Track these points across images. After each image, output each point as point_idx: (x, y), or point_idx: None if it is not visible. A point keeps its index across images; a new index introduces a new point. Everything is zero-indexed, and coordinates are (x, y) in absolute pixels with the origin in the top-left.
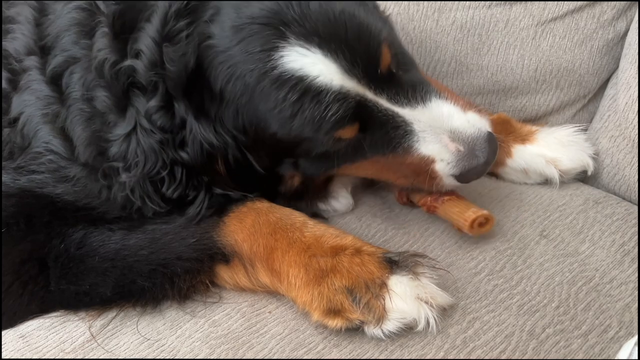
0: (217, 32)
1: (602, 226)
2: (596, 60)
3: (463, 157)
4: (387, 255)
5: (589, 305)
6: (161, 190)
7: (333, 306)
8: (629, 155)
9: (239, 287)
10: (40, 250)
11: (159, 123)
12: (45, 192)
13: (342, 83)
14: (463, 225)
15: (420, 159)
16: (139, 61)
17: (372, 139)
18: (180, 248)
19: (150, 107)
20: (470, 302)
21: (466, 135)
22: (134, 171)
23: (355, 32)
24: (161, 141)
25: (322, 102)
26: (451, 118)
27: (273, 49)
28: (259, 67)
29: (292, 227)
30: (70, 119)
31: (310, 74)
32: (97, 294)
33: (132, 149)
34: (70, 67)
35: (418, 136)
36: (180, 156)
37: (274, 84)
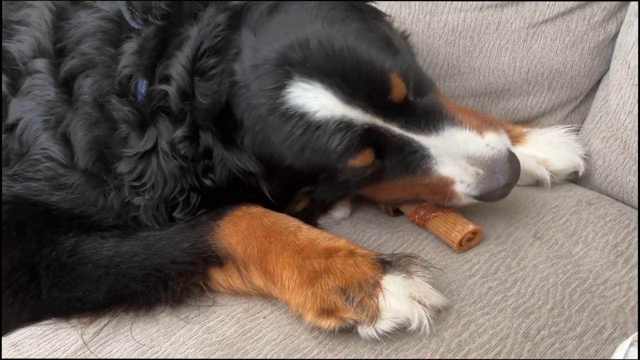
0: (239, 69)
1: (595, 227)
2: (587, 62)
3: (483, 180)
4: (380, 257)
5: (583, 307)
6: (172, 213)
7: (326, 306)
8: (621, 156)
9: (233, 290)
10: (31, 258)
11: (182, 152)
12: (40, 199)
13: (343, 113)
14: (451, 245)
15: (439, 180)
16: (172, 87)
17: (391, 164)
18: (175, 252)
19: (177, 137)
20: (465, 305)
21: (485, 158)
22: (151, 194)
23: (354, 64)
24: (182, 167)
25: (324, 134)
26: (467, 145)
27: (282, 86)
28: (269, 102)
29: (286, 230)
30: (74, 123)
31: (312, 108)
32: (89, 300)
33: (150, 170)
34: (87, 71)
35: (436, 160)
36: (203, 183)
37: (281, 118)
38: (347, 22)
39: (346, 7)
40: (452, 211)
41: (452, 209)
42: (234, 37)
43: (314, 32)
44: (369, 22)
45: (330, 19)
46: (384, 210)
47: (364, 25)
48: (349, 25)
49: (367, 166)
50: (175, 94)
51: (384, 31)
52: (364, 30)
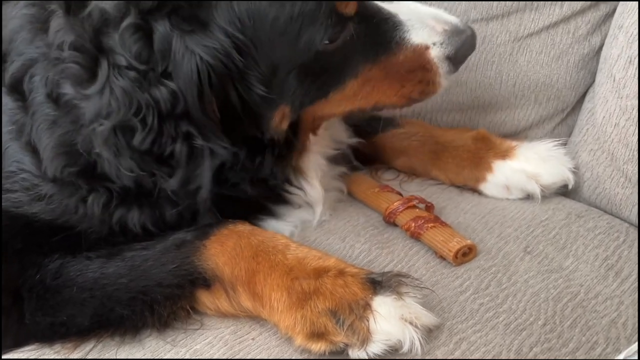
0: None
1: (585, 240)
2: (573, 75)
3: (452, 34)
4: (370, 276)
5: (575, 322)
6: (132, 142)
7: (316, 329)
8: (608, 168)
9: (220, 312)
10: (14, 281)
11: (134, 49)
12: (20, 212)
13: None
14: (447, 255)
15: (413, 52)
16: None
17: (364, 38)
18: (161, 274)
19: (124, 31)
20: (457, 322)
21: (445, 16)
22: (107, 121)
23: None
24: (136, 78)
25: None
26: (424, 7)
27: None
28: None
29: (274, 249)
30: (35, 128)
31: None
32: (74, 325)
33: (104, 100)
34: (30, 71)
35: (406, 25)
36: (159, 94)
37: None
38: None
39: None
40: (448, 225)
41: (448, 224)
42: None
43: None
44: None
45: None
46: (384, 217)
47: None
48: None
49: (350, 17)
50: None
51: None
52: None
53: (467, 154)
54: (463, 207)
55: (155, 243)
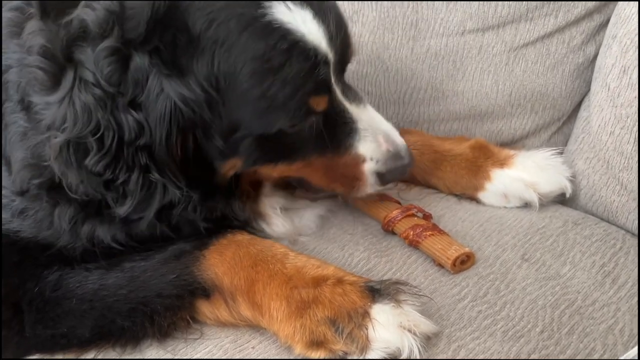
0: None
1: (582, 247)
2: (568, 84)
3: (391, 157)
4: (369, 284)
5: (572, 329)
6: (84, 161)
7: (316, 338)
8: (604, 176)
9: (220, 322)
10: (14, 294)
11: (106, 70)
12: (6, 228)
13: (326, 51)
14: (445, 263)
15: (353, 159)
16: (90, 10)
17: (322, 132)
18: (160, 285)
19: (101, 50)
20: (455, 330)
21: (395, 139)
22: (62, 134)
23: (339, 18)
24: (100, 98)
25: (310, 59)
26: (382, 122)
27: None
28: (247, 12)
29: (273, 259)
30: (9, 141)
31: (301, 29)
32: (74, 336)
33: (62, 111)
34: (4, 77)
35: (360, 135)
36: (124, 119)
37: (263, 31)
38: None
39: None
40: (446, 233)
41: (446, 232)
42: None
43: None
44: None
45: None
46: (382, 226)
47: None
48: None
49: (318, 113)
50: (93, 16)
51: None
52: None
53: (466, 162)
54: (461, 216)
55: (154, 253)
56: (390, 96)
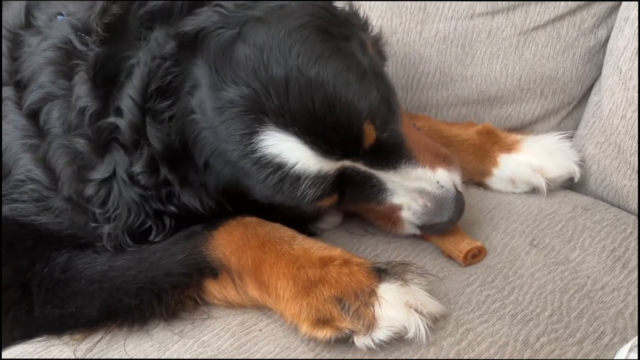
0: (198, 108)
1: (592, 232)
2: (579, 68)
3: (429, 212)
4: (375, 265)
5: (582, 313)
6: (147, 238)
7: (322, 316)
8: (615, 161)
9: (227, 302)
10: (23, 275)
11: (142, 183)
12: (28, 220)
13: (320, 167)
14: (457, 257)
15: (390, 207)
16: (123, 121)
17: (350, 197)
18: (169, 264)
19: (135, 171)
20: (463, 313)
21: (434, 195)
22: (115, 223)
23: (335, 122)
24: (142, 196)
25: (299, 187)
26: (419, 181)
27: (253, 133)
28: (240, 148)
29: (281, 240)
30: (53, 153)
31: (289, 160)
32: (82, 316)
33: (112, 198)
34: (49, 104)
35: (391, 192)
36: (169, 209)
37: (254, 165)
38: (324, 61)
39: (319, 36)
40: (458, 227)
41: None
42: (189, 67)
43: (292, 77)
44: (342, 51)
45: (305, 57)
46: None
47: (340, 62)
48: (326, 67)
49: (331, 205)
50: (127, 128)
51: (357, 59)
52: (341, 71)
53: (473, 148)
54: (469, 202)
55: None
56: (398, 81)
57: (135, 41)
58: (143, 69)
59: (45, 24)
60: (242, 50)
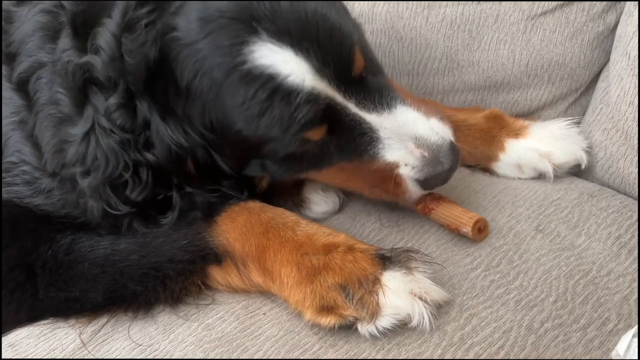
0: (183, 24)
1: (598, 219)
2: (587, 54)
3: (428, 163)
4: (379, 252)
5: (587, 299)
6: (124, 193)
7: (326, 303)
8: (622, 147)
9: (231, 288)
10: (27, 256)
11: (119, 122)
12: (25, 202)
13: (313, 84)
14: (467, 224)
15: (385, 165)
16: (97, 57)
17: (339, 143)
18: (172, 250)
19: (110, 105)
20: (467, 299)
21: (430, 142)
22: (94, 174)
23: (328, 33)
24: (122, 141)
25: (292, 102)
26: (415, 125)
27: (243, 43)
28: (227, 61)
29: (285, 226)
30: (39, 126)
31: (282, 72)
32: (87, 300)
33: (90, 150)
34: (37, 72)
35: (383, 143)
36: (146, 158)
37: (243, 79)
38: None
39: None
40: (458, 204)
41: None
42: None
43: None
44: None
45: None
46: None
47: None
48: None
49: (317, 141)
50: (102, 62)
51: (344, 5)
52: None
53: (480, 133)
54: (474, 187)
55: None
56: (405, 66)
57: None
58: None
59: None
60: None
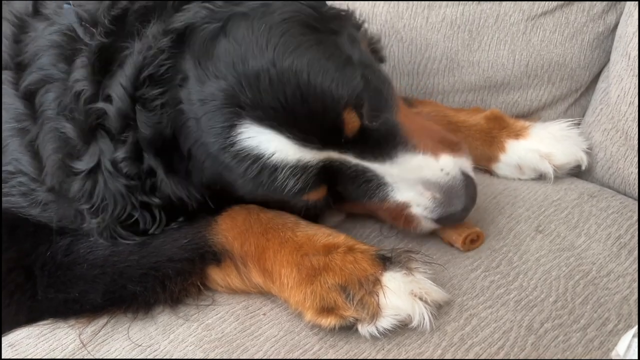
0: (186, 99)
1: (598, 219)
2: (587, 54)
3: (440, 204)
4: (380, 253)
5: (586, 299)
6: (137, 228)
7: (326, 304)
8: (622, 148)
9: (231, 289)
10: (26, 258)
11: (125, 171)
12: (22, 212)
13: (299, 156)
14: (456, 240)
15: (396, 205)
16: (111, 107)
17: (346, 190)
18: (172, 250)
19: (118, 157)
20: (467, 299)
21: (440, 184)
22: (102, 216)
23: (307, 112)
24: (128, 186)
25: (278, 177)
26: (421, 170)
27: (232, 126)
28: (219, 141)
29: (284, 226)
30: (42, 137)
31: (267, 150)
32: (87, 301)
33: (98, 190)
34: (47, 86)
35: (392, 187)
36: (153, 201)
37: (234, 158)
38: (301, 52)
39: (300, 30)
40: None
41: None
42: (180, 62)
43: (264, 69)
44: (325, 43)
45: (281, 49)
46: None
47: (319, 51)
48: (302, 57)
49: (320, 199)
50: (115, 115)
51: (341, 50)
52: (318, 60)
53: (480, 133)
54: None
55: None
56: (405, 67)
57: (130, 34)
58: (137, 58)
59: (54, 11)
60: (223, 44)
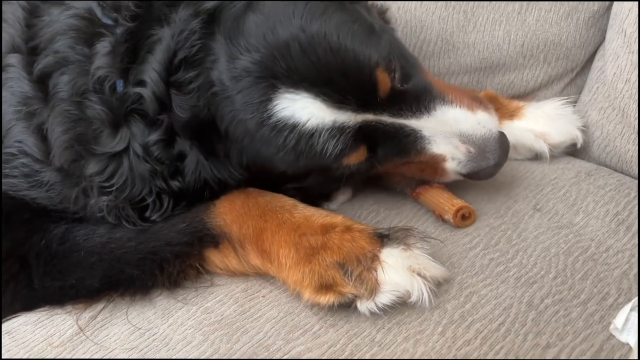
0: (218, 80)
1: (596, 197)
2: (582, 33)
3: (473, 158)
4: (377, 231)
5: (586, 275)
6: (144, 214)
7: (324, 281)
8: (619, 125)
9: (229, 271)
10: (21, 247)
11: (155, 154)
12: (20, 194)
13: (334, 118)
14: (449, 210)
15: (431, 158)
16: (147, 91)
17: (384, 152)
18: (171, 234)
19: (151, 140)
20: (467, 277)
21: (476, 136)
22: (117, 194)
23: (340, 69)
24: (153, 171)
25: (317, 142)
26: (458, 122)
27: (268, 100)
28: (257, 116)
29: (282, 209)
30: (52, 119)
31: (302, 118)
32: (83, 287)
33: (121, 171)
34: (62, 69)
35: (428, 139)
36: (170, 185)
37: (272, 131)
38: (327, 16)
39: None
40: (446, 190)
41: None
42: (210, 43)
43: (294, 36)
44: (349, 9)
45: (308, 15)
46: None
47: (344, 17)
48: (329, 21)
49: (362, 161)
50: (151, 98)
51: (364, 17)
52: (345, 23)
53: None
54: None
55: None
56: None
57: (158, 20)
58: (169, 42)
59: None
60: (252, 19)
